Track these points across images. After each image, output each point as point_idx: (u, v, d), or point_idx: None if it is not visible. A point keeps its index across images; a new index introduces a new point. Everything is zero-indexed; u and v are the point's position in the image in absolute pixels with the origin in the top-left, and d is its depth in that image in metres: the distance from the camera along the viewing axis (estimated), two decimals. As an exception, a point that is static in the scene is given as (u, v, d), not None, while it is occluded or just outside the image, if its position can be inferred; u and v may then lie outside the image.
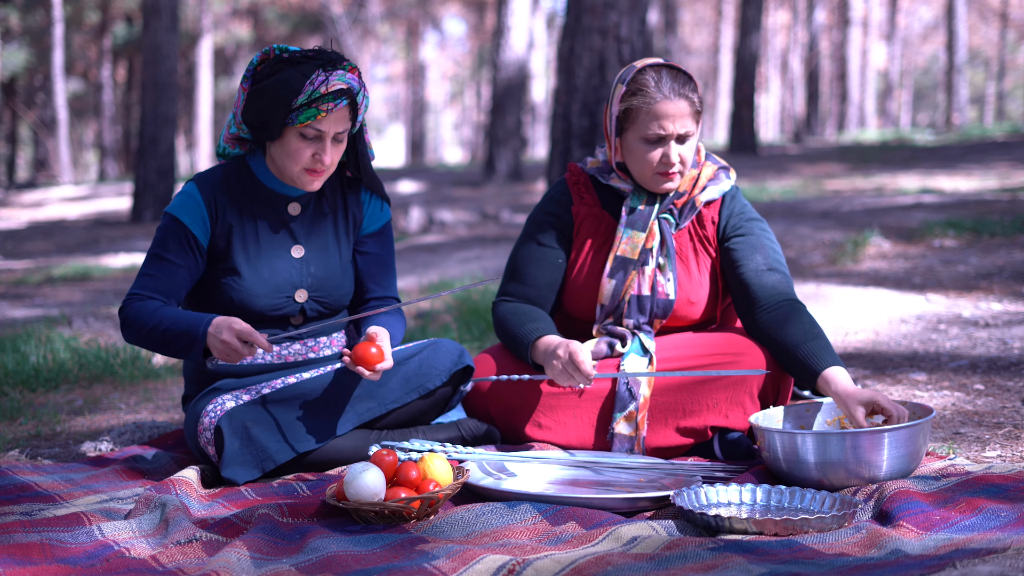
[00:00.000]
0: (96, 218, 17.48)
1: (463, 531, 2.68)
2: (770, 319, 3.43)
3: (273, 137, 3.28)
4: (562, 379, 3.36)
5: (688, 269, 3.59)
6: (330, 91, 3.20)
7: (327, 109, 3.21)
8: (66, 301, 8.41)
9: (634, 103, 3.46)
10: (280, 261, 3.43)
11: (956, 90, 32.63)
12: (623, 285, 3.55)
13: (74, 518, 2.75)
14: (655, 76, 3.46)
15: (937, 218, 8.89)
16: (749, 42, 19.84)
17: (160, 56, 14.68)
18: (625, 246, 3.56)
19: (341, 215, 3.52)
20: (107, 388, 5.01)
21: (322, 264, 3.48)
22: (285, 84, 3.21)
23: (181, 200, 3.38)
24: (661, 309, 3.54)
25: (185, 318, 3.25)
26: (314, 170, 3.31)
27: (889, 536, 2.46)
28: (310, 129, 3.23)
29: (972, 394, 4.08)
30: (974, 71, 52.32)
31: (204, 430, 3.26)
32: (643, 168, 3.51)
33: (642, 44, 8.55)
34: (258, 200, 3.43)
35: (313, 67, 3.22)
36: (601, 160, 3.69)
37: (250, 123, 3.31)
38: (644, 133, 3.46)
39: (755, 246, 3.58)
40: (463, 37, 56.40)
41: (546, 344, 3.43)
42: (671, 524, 2.64)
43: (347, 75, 3.25)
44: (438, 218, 12.69)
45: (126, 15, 34.51)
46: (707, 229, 3.62)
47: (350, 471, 2.78)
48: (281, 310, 3.43)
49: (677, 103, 3.44)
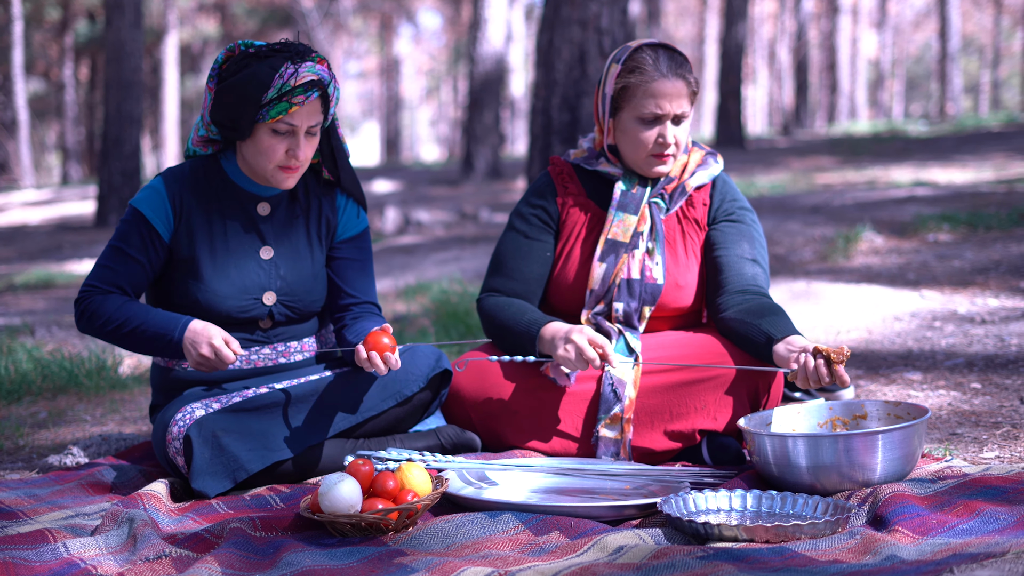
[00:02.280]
0: (59, 223, 17.41)
1: (443, 543, 2.67)
2: (736, 302, 3.46)
3: (244, 135, 3.28)
4: (574, 364, 3.34)
5: (675, 253, 3.60)
6: (300, 83, 3.20)
7: (299, 102, 3.21)
8: (28, 310, 8.39)
9: (631, 80, 3.48)
10: (248, 262, 3.42)
11: (950, 79, 32.76)
12: (614, 268, 3.56)
13: (38, 535, 2.74)
14: (652, 55, 3.49)
15: (931, 212, 8.92)
16: (735, 32, 19.89)
17: (124, 54, 14.64)
18: (616, 229, 3.57)
19: (314, 218, 3.51)
20: (72, 400, 5.00)
21: (292, 267, 3.47)
22: (253, 79, 3.20)
23: (146, 194, 3.38)
24: (649, 294, 3.55)
25: (158, 319, 3.27)
26: (288, 167, 3.31)
27: (884, 541, 2.46)
28: (282, 124, 3.23)
29: (969, 393, 4.10)
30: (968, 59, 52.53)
31: (173, 440, 3.24)
32: (637, 149, 3.53)
33: (623, 35, 8.55)
34: (227, 198, 3.42)
35: (281, 60, 3.22)
36: (586, 148, 3.71)
37: (219, 122, 3.30)
38: (640, 112, 3.48)
39: (744, 234, 3.61)
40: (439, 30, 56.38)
41: (553, 331, 3.42)
42: (659, 532, 2.64)
43: (316, 66, 3.25)
44: (415, 218, 12.69)
45: (88, 12, 34.39)
46: (698, 211, 3.64)
47: (325, 482, 2.78)
48: (248, 312, 3.41)
49: (675, 82, 3.47)
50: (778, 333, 3.28)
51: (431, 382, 3.50)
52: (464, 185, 17.38)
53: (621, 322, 3.56)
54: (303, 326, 3.53)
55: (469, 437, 3.55)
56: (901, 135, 22.19)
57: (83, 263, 11.93)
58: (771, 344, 3.27)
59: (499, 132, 18.17)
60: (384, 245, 10.98)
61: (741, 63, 19.82)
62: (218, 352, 3.20)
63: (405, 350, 3.49)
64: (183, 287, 3.39)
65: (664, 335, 3.57)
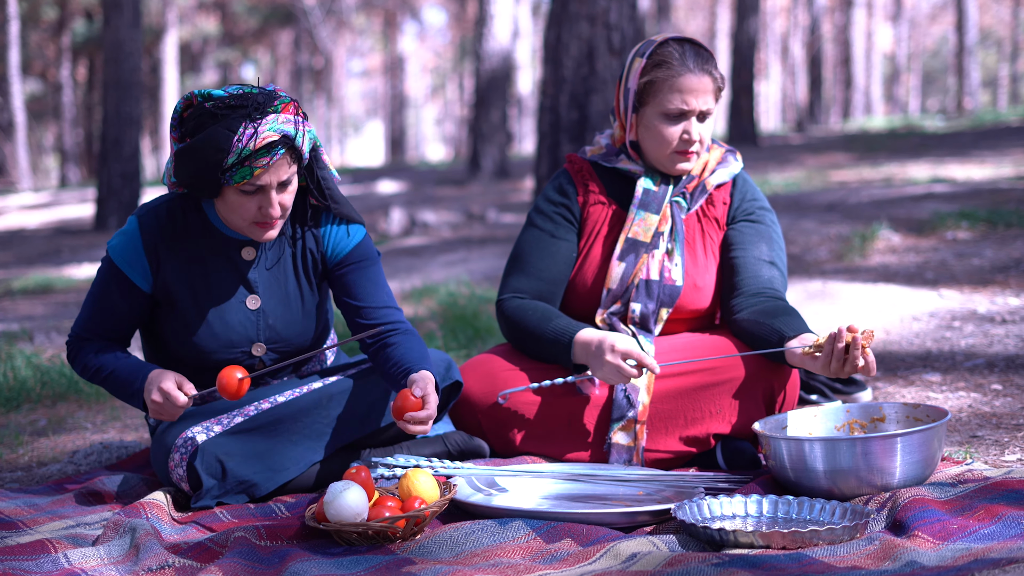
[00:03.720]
0: (58, 226, 17.43)
1: (452, 551, 2.67)
2: (749, 304, 3.46)
3: (212, 195, 3.14)
4: (616, 379, 3.33)
5: (694, 254, 3.60)
6: (261, 145, 3.02)
7: (262, 165, 3.04)
8: (27, 315, 8.39)
9: (657, 75, 3.48)
10: (233, 315, 3.33)
11: (967, 73, 32.72)
12: (633, 268, 3.55)
13: (39, 545, 2.74)
14: (679, 49, 3.49)
15: (949, 209, 8.90)
16: (747, 26, 19.89)
17: (122, 53, 14.65)
18: (637, 228, 3.57)
19: (300, 254, 3.38)
20: (72, 407, 5.00)
21: (280, 315, 3.37)
22: (211, 144, 3.02)
23: (122, 243, 3.26)
24: (668, 296, 3.54)
25: (126, 368, 3.24)
26: (264, 222, 3.17)
27: (904, 547, 2.46)
28: (249, 186, 3.08)
29: (989, 395, 4.09)
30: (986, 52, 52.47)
31: (175, 467, 3.22)
32: (660, 146, 3.53)
33: (633, 31, 8.56)
34: (208, 243, 3.30)
35: (239, 120, 3.02)
36: (604, 145, 3.70)
37: (185, 184, 3.16)
38: (666, 107, 3.48)
39: (763, 235, 3.61)
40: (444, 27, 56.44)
41: (587, 341, 3.39)
42: (672, 539, 2.64)
43: (279, 119, 3.06)
44: (421, 219, 12.69)
45: (86, 11, 34.46)
46: (717, 209, 3.64)
47: (330, 490, 2.78)
48: (239, 363, 3.35)
49: (701, 78, 3.47)
50: (790, 331, 3.28)
51: (440, 393, 3.47)
52: (471, 185, 17.38)
53: (636, 324, 3.55)
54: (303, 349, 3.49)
55: (478, 443, 3.54)
56: (918, 131, 22.16)
57: (82, 267, 11.94)
58: (783, 343, 3.27)
59: (506, 131, 18.17)
60: (390, 247, 10.98)
61: (753, 58, 19.81)
62: (167, 395, 3.09)
63: None
64: (173, 335, 3.34)
65: (677, 338, 3.56)
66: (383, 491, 3.00)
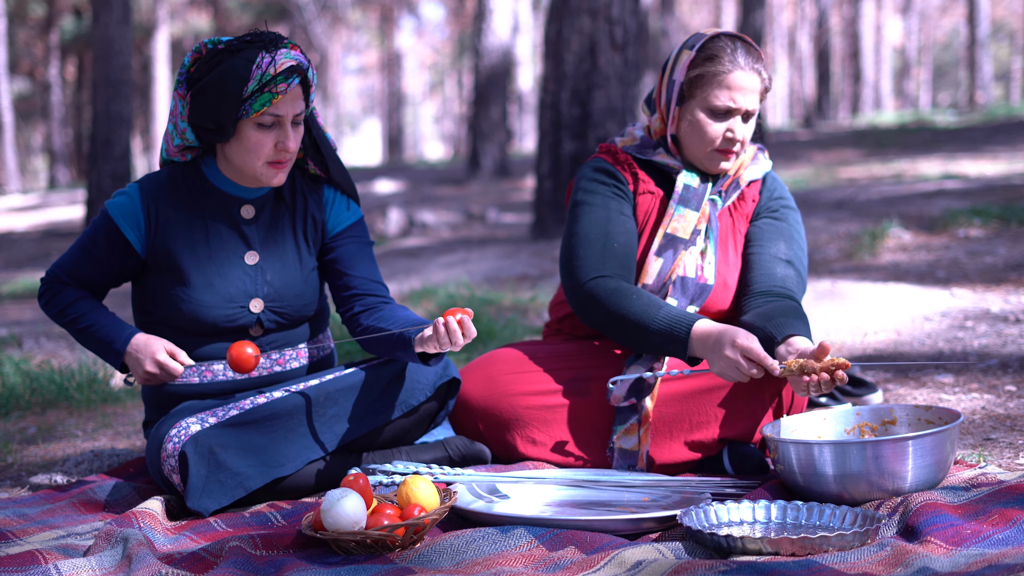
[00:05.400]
0: (47, 229, 17.44)
1: (453, 559, 2.67)
2: (755, 305, 3.45)
3: (228, 135, 3.28)
4: (733, 375, 3.21)
5: (726, 252, 3.60)
6: (280, 71, 3.21)
7: (281, 90, 3.22)
8: (15, 320, 8.40)
9: (708, 69, 3.47)
10: (232, 268, 3.42)
11: (979, 66, 32.69)
12: (671, 264, 3.53)
13: (28, 556, 2.74)
14: (731, 45, 3.49)
15: (961, 206, 8.90)
16: (753, 19, 19.86)
17: (112, 51, 14.65)
18: (676, 224, 3.55)
19: (300, 218, 3.50)
20: (62, 414, 5.00)
21: (279, 272, 3.46)
22: (231, 74, 3.20)
23: (120, 201, 3.40)
24: (699, 294, 3.53)
25: (107, 324, 3.40)
26: (278, 161, 3.32)
27: (916, 553, 2.46)
28: (267, 116, 3.24)
29: (1003, 396, 4.09)
30: (998, 45, 52.45)
31: (168, 457, 3.24)
32: (702, 143, 3.52)
33: (635, 25, 8.56)
34: (208, 203, 3.42)
35: (255, 50, 3.22)
36: (639, 136, 3.67)
37: (200, 126, 3.30)
38: (713, 103, 3.47)
39: (782, 233, 3.60)
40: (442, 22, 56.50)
41: (705, 335, 3.26)
42: (678, 546, 2.64)
43: (291, 52, 3.26)
44: (419, 220, 12.70)
45: (74, 7, 34.49)
46: (747, 206, 3.65)
47: (327, 498, 2.78)
48: (236, 321, 3.41)
49: (751, 76, 3.47)
50: (779, 334, 3.25)
51: (438, 391, 3.49)
52: (470, 184, 17.38)
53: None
54: (296, 332, 3.53)
55: (478, 448, 3.55)
56: (929, 126, 22.16)
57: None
58: (773, 346, 3.26)
59: (506, 128, 18.17)
60: (387, 248, 10.98)
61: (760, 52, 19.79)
62: (163, 366, 3.31)
63: None
64: (168, 297, 3.40)
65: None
66: (382, 499, 3.01)
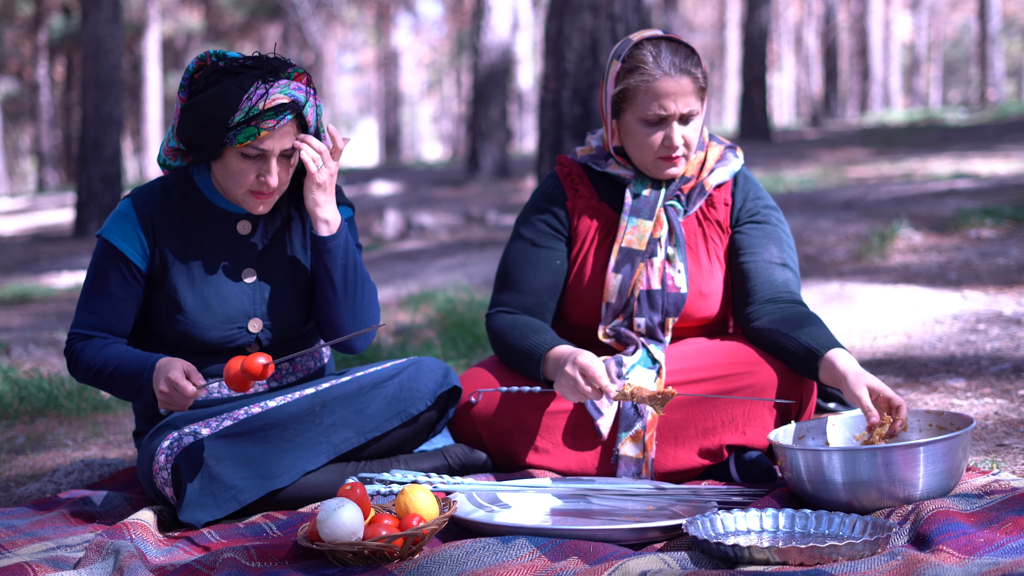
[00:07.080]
0: (36, 233, 17.46)
1: (452, 570, 2.67)
2: (767, 312, 3.44)
3: (212, 157, 3.25)
4: (572, 395, 3.30)
5: (698, 258, 3.59)
6: (270, 106, 3.15)
7: (268, 127, 3.16)
8: (4, 327, 8.40)
9: (631, 81, 3.46)
10: (229, 288, 3.38)
11: (990, 63, 32.70)
12: (630, 279, 3.54)
13: (17, 569, 2.74)
14: (653, 51, 3.46)
15: (973, 206, 8.90)
16: (758, 16, 19.89)
17: (102, 50, 14.66)
18: (630, 236, 3.55)
19: (297, 229, 3.47)
20: (52, 423, 5.00)
21: (278, 288, 3.43)
22: (220, 100, 3.15)
23: (115, 222, 3.33)
24: (673, 305, 3.53)
25: (132, 360, 3.23)
26: (260, 192, 3.26)
27: (928, 562, 2.46)
28: (251, 149, 3.18)
29: (1017, 401, 4.09)
30: (1010, 41, 52.47)
31: (160, 470, 3.23)
32: (643, 152, 3.51)
33: (638, 22, 8.55)
34: (203, 218, 3.38)
35: (251, 78, 3.16)
36: (594, 146, 3.69)
37: (186, 142, 3.26)
38: (643, 114, 3.46)
39: (771, 236, 3.59)
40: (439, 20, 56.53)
41: (557, 356, 3.40)
42: (684, 556, 2.64)
43: (291, 85, 3.20)
44: (417, 222, 12.70)
45: (63, 6, 34.49)
46: (719, 211, 3.62)
47: (324, 508, 2.77)
48: (234, 342, 3.39)
49: (679, 80, 3.44)
50: (821, 347, 3.27)
51: (438, 400, 3.48)
52: (469, 185, 17.39)
53: (644, 335, 3.55)
54: (295, 346, 3.51)
55: (478, 457, 3.54)
56: (939, 124, 22.17)
57: (61, 276, 11.95)
58: (814, 358, 3.26)
59: (506, 128, 18.18)
60: (384, 251, 10.98)
61: (765, 49, 19.82)
62: (175, 385, 3.09)
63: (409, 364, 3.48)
64: (163, 320, 3.37)
65: (689, 344, 3.55)
66: (379, 508, 3.00)
